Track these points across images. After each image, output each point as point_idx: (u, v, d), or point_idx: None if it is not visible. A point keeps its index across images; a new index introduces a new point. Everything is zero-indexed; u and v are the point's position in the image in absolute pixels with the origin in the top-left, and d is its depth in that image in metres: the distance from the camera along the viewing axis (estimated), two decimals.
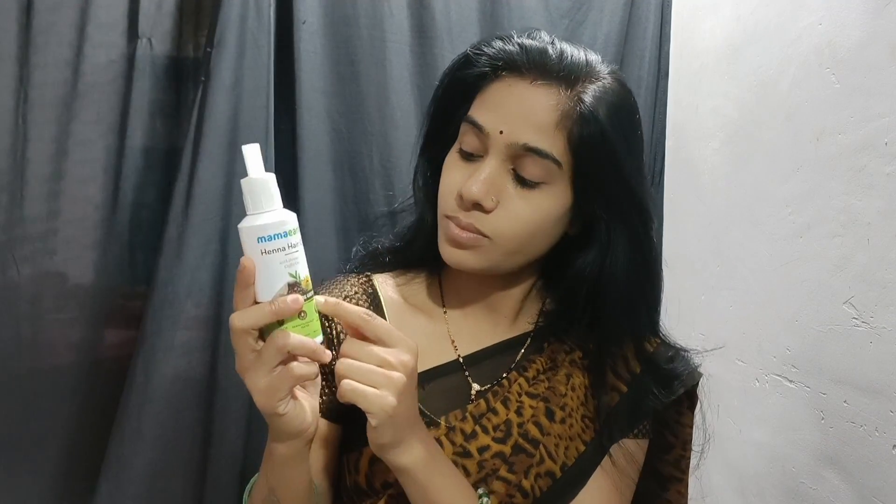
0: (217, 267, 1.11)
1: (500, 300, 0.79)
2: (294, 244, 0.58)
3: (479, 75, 0.71)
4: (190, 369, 1.10)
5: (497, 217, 0.68)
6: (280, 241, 0.58)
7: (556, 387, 0.75)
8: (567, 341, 0.78)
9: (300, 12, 1.15)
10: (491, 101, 0.69)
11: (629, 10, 1.34)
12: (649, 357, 0.77)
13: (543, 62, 0.68)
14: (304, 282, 0.59)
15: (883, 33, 0.89)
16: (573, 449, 0.73)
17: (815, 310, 0.99)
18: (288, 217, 0.59)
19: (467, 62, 0.72)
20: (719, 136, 1.25)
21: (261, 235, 0.57)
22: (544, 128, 0.67)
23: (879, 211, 0.89)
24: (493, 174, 0.68)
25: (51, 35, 1.04)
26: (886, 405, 0.87)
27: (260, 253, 0.58)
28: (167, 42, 1.13)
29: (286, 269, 0.58)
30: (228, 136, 1.10)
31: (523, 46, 0.69)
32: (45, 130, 1.04)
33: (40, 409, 1.06)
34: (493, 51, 0.70)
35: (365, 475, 0.71)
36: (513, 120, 0.67)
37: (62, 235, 1.07)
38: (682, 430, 0.79)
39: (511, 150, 0.67)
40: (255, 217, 0.58)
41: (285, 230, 0.58)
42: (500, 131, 0.67)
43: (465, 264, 0.71)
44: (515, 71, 0.69)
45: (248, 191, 0.59)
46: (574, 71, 0.68)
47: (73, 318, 1.09)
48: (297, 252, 0.59)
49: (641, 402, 0.75)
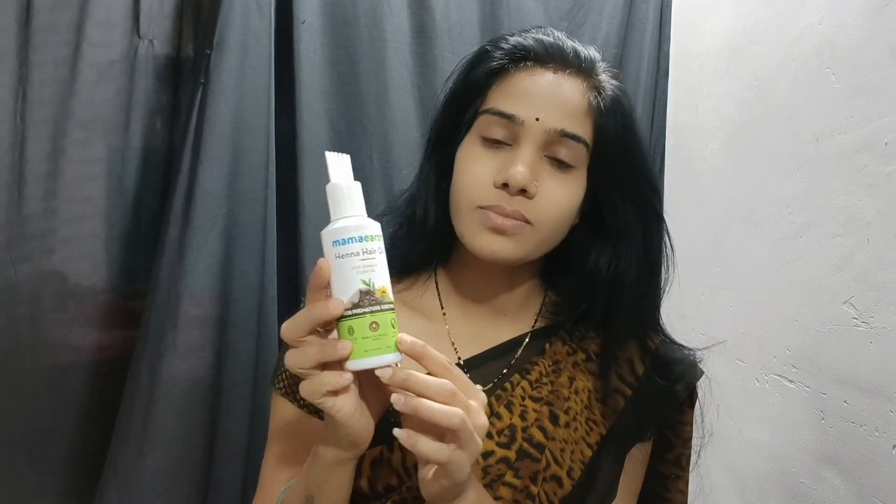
0: (220, 268, 1.11)
1: (503, 299, 0.78)
2: (371, 251, 0.57)
3: (496, 69, 0.72)
4: (194, 370, 1.10)
5: (538, 203, 0.69)
6: (354, 246, 0.56)
7: (560, 390, 0.74)
8: (569, 342, 0.78)
9: (300, 12, 1.15)
10: (517, 91, 0.70)
11: (628, 11, 1.35)
12: (654, 358, 0.77)
13: (562, 54, 0.71)
14: (378, 291, 0.57)
15: (883, 33, 0.89)
16: (578, 453, 0.73)
17: (815, 310, 0.99)
18: (367, 223, 0.58)
19: (485, 56, 0.73)
20: (719, 136, 1.25)
21: (335, 239, 0.57)
22: (576, 114, 0.69)
23: (879, 211, 0.89)
24: (533, 160, 0.69)
25: (50, 34, 1.04)
26: (886, 405, 0.87)
27: (334, 257, 0.57)
28: (168, 43, 1.14)
29: (359, 276, 0.56)
30: (229, 137, 1.11)
31: (540, 40, 0.72)
32: (43, 129, 1.04)
33: (39, 409, 1.06)
34: (509, 45, 0.72)
35: (368, 479, 0.70)
36: (547, 107, 0.69)
37: (60, 234, 1.07)
38: (682, 427, 0.79)
39: (547, 136, 0.69)
40: (334, 222, 0.58)
41: (361, 235, 0.57)
42: (537, 118, 0.68)
43: (502, 254, 0.70)
44: (538, 62, 0.71)
45: (330, 196, 0.59)
46: (588, 63, 0.72)
47: (72, 317, 1.09)
48: (374, 260, 0.57)
49: (648, 405, 0.75)
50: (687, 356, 0.79)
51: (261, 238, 1.14)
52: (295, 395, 0.75)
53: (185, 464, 1.10)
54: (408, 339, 0.57)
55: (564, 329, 0.78)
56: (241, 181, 1.12)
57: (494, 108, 0.70)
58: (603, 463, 0.73)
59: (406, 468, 0.70)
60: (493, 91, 0.71)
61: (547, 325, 0.79)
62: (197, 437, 1.10)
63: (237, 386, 1.13)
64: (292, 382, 0.75)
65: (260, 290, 1.15)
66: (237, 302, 1.13)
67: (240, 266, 1.13)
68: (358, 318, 0.56)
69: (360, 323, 0.56)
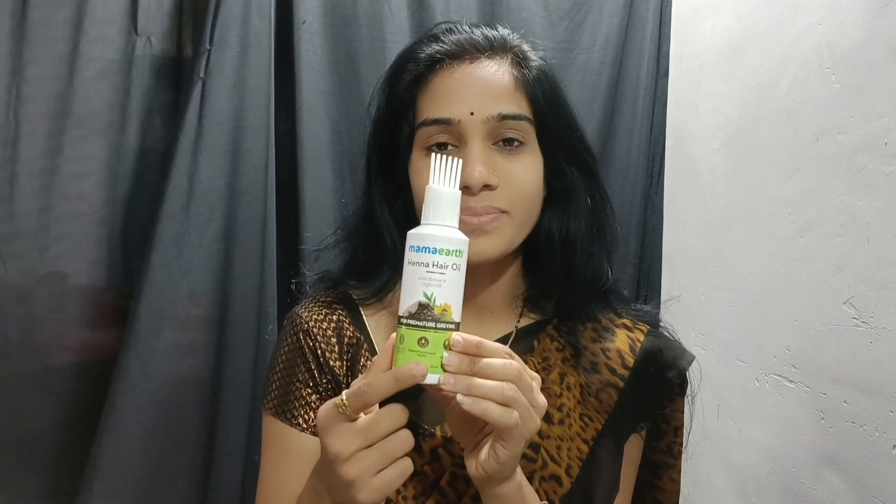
0: (220, 268, 1.11)
1: (486, 297, 0.78)
2: (442, 265, 0.55)
3: (416, 79, 0.72)
4: (192, 370, 1.10)
5: (504, 190, 0.69)
6: (425, 256, 0.56)
7: (551, 387, 0.74)
8: (557, 338, 0.78)
9: (300, 12, 1.15)
10: (442, 93, 0.70)
11: (628, 10, 1.35)
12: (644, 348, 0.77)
13: (472, 42, 0.72)
14: (438, 309, 0.55)
15: (883, 33, 0.89)
16: (575, 450, 0.73)
17: (815, 310, 0.99)
18: (447, 237, 0.57)
19: (400, 72, 0.73)
20: (719, 136, 1.25)
21: (412, 244, 0.57)
22: (507, 93, 0.70)
23: (879, 211, 0.89)
24: (483, 153, 0.69)
25: (46, 30, 1.03)
26: (886, 405, 0.87)
27: (407, 262, 0.57)
28: (166, 40, 1.13)
29: (422, 287, 0.55)
30: (229, 135, 1.11)
31: (447, 37, 0.73)
32: (37, 126, 1.04)
33: (30, 409, 1.05)
34: (421, 53, 0.72)
35: None
36: (476, 98, 0.69)
37: (54, 232, 1.06)
38: (674, 415, 0.79)
39: (488, 125, 0.69)
40: (420, 227, 0.58)
41: (436, 247, 0.56)
42: (471, 112, 0.68)
43: (488, 252, 0.70)
44: (452, 58, 0.71)
45: (426, 199, 0.59)
46: (500, 41, 0.73)
47: (66, 317, 1.08)
48: (442, 275, 0.55)
49: (641, 395, 0.75)
50: (676, 343, 0.79)
51: (260, 238, 1.14)
52: (286, 413, 0.74)
53: (183, 464, 1.09)
54: (461, 339, 0.56)
55: (552, 325, 0.78)
56: (240, 181, 1.12)
57: (428, 117, 0.70)
58: (601, 458, 0.73)
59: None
60: (420, 102, 0.71)
61: (533, 323, 0.79)
62: (196, 437, 1.10)
63: (236, 386, 1.13)
64: (282, 402, 0.75)
65: (259, 290, 1.15)
66: (237, 302, 1.13)
67: (239, 266, 1.13)
68: (411, 328, 0.56)
69: (410, 334, 0.56)
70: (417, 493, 0.69)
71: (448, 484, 0.70)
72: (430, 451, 0.71)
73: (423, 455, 0.71)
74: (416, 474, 0.69)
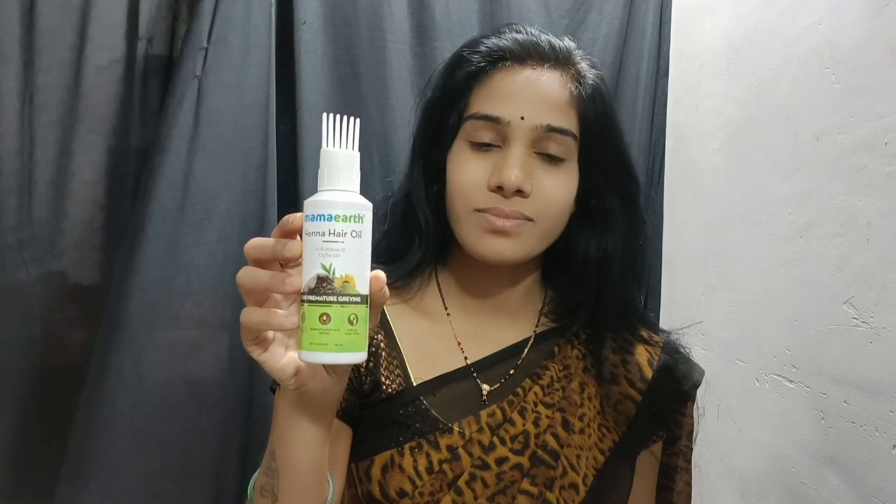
0: (219, 267, 1.11)
1: (505, 296, 0.79)
2: (339, 233, 0.50)
3: (475, 72, 0.72)
4: (192, 370, 1.10)
5: (535, 199, 0.70)
6: (320, 225, 0.50)
7: (572, 396, 0.75)
8: (577, 346, 0.78)
9: (300, 12, 1.15)
10: (498, 91, 0.70)
11: (629, 10, 1.34)
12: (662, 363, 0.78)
13: (538, 49, 0.72)
14: (339, 281, 0.50)
15: (883, 33, 0.89)
16: (591, 459, 0.73)
17: (815, 310, 0.99)
18: (344, 201, 0.51)
19: (462, 60, 0.73)
20: (719, 136, 1.25)
21: (307, 213, 0.51)
22: (560, 107, 0.70)
23: (879, 211, 0.88)
24: (524, 159, 0.69)
25: (54, 37, 1.04)
26: (886, 405, 0.87)
27: (304, 234, 0.51)
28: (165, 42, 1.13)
29: (319, 259, 0.50)
30: (227, 134, 1.10)
31: (514, 38, 0.73)
32: (50, 133, 1.05)
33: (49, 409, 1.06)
34: (485, 47, 0.72)
35: (378, 484, 0.70)
36: (530, 104, 0.69)
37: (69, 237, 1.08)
38: (684, 420, 0.80)
39: (535, 133, 0.69)
40: (316, 194, 0.52)
41: (331, 213, 0.50)
42: (522, 117, 0.69)
43: (506, 254, 0.71)
44: (515, 60, 0.71)
45: (321, 163, 0.52)
46: (565, 54, 0.73)
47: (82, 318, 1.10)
48: (341, 244, 0.50)
49: (658, 407, 0.76)
50: (689, 358, 0.80)
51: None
52: None
53: (182, 464, 1.09)
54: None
55: (572, 332, 0.78)
56: (240, 180, 1.12)
57: (479, 112, 0.70)
58: (615, 469, 0.74)
59: (418, 471, 0.69)
60: (475, 95, 0.72)
61: (552, 328, 0.79)
62: (195, 437, 1.10)
63: (236, 386, 1.12)
64: None
65: None
66: (236, 302, 1.13)
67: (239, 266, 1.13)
68: (311, 304, 0.50)
69: (311, 311, 0.50)
70: (434, 489, 0.69)
71: (466, 484, 0.70)
72: (448, 449, 0.70)
73: (439, 451, 0.70)
74: (434, 471, 0.69)
